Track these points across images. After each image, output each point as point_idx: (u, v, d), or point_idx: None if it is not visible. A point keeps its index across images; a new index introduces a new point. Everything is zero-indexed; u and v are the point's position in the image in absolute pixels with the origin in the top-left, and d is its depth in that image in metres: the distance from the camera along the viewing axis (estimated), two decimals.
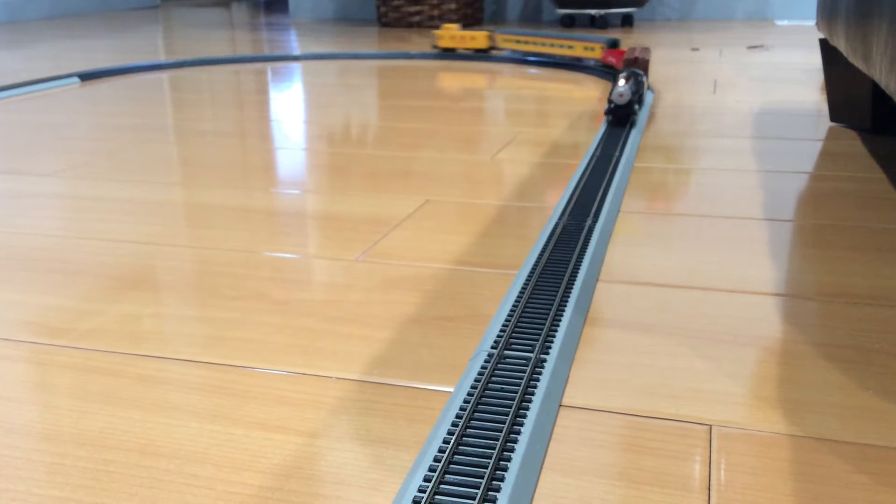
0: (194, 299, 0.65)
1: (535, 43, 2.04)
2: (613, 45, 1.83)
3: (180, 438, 0.46)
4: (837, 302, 0.63)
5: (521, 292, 0.62)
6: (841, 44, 0.97)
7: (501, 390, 0.49)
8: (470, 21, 3.11)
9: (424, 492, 0.40)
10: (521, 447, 0.43)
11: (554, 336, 0.55)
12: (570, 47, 1.93)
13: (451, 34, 2.17)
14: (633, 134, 1.16)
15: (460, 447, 0.43)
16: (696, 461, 0.43)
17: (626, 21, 2.95)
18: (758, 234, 0.78)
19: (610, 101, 1.20)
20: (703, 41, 2.43)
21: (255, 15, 3.89)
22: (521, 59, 2.05)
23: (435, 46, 2.21)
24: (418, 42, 2.53)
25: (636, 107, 1.21)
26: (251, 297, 0.66)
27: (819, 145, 1.13)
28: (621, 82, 1.20)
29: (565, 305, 0.60)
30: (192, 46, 2.54)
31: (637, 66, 1.47)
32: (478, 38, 2.13)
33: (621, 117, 1.20)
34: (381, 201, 0.90)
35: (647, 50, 1.63)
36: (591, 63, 1.91)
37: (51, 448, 0.45)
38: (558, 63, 1.99)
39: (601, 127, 1.22)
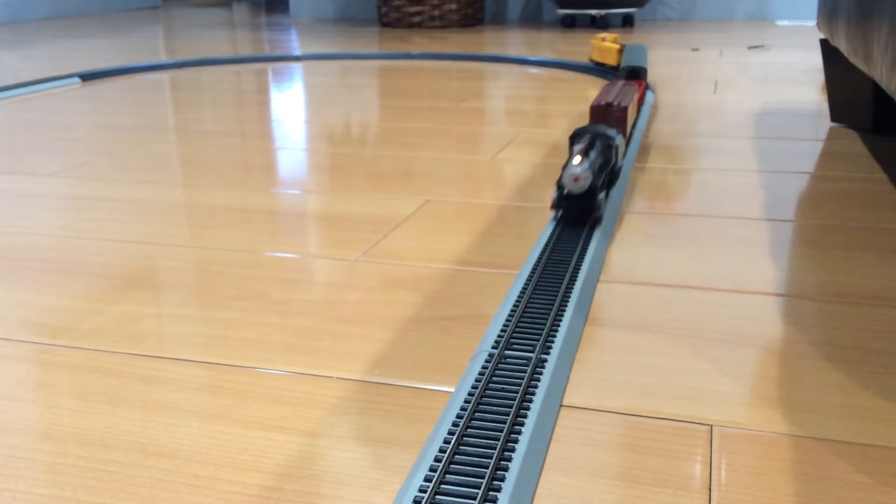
0: (195, 299, 0.65)
1: None
2: (634, 74, 1.44)
3: (181, 438, 0.46)
4: (838, 302, 0.63)
5: (521, 292, 0.62)
6: (842, 44, 0.97)
7: (502, 390, 0.49)
8: (471, 21, 3.11)
9: (425, 492, 0.40)
10: (521, 447, 0.43)
11: (555, 336, 0.55)
12: None
13: (599, 47, 1.86)
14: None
15: (461, 447, 0.43)
16: (697, 461, 0.43)
17: (627, 21, 2.95)
18: (758, 235, 0.78)
19: (560, 187, 0.76)
20: (703, 41, 2.43)
21: (255, 15, 3.89)
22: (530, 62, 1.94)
23: (591, 60, 1.93)
24: (419, 42, 2.53)
25: (601, 195, 0.76)
26: (252, 296, 0.66)
27: (820, 145, 1.13)
28: (576, 159, 0.75)
29: (566, 305, 0.60)
30: (192, 47, 2.54)
31: (610, 120, 0.98)
32: (612, 52, 1.81)
33: (577, 213, 0.75)
34: (381, 201, 0.91)
35: (630, 86, 1.12)
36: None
37: (51, 448, 0.46)
38: (559, 63, 1.99)
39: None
